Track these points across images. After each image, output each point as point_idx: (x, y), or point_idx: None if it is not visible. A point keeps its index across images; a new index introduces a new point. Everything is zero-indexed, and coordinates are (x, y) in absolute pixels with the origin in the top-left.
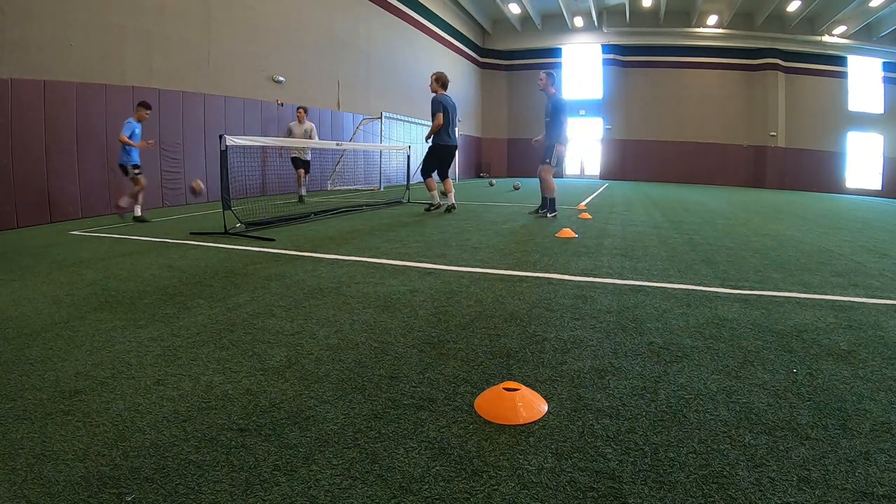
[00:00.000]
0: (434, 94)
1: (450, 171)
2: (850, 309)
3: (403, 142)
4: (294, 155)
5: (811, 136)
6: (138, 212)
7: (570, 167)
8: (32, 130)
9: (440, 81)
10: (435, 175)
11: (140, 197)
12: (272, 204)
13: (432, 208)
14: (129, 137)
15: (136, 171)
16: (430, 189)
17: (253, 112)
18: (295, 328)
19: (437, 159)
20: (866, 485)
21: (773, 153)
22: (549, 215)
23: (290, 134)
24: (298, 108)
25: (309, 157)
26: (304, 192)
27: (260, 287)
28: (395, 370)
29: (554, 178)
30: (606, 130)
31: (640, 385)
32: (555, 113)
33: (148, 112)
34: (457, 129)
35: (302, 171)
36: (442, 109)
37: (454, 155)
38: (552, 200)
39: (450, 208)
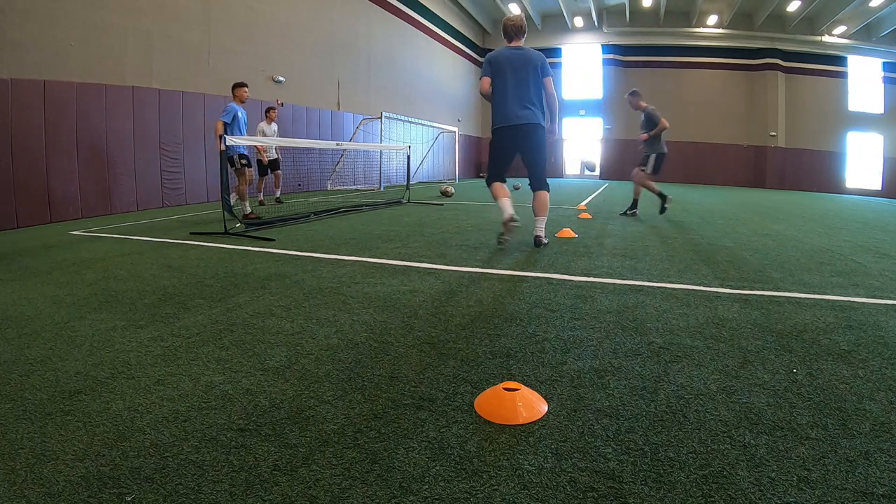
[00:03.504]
0: None
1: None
2: (850, 309)
3: (403, 142)
4: (274, 157)
5: (811, 136)
6: (247, 208)
7: (570, 168)
8: (32, 130)
9: (501, 28)
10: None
11: (244, 192)
12: (272, 204)
13: (503, 238)
14: (232, 122)
15: (243, 161)
16: (496, 199)
17: (253, 112)
18: (295, 328)
19: (493, 152)
20: (866, 485)
21: (773, 153)
22: (666, 205)
23: (262, 136)
24: (269, 108)
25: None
26: (279, 193)
27: (260, 287)
28: (395, 370)
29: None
30: (606, 130)
31: (640, 385)
32: (649, 126)
33: (246, 90)
34: (532, 99)
35: (279, 172)
36: (490, 70)
37: (529, 143)
38: (662, 195)
39: (536, 241)
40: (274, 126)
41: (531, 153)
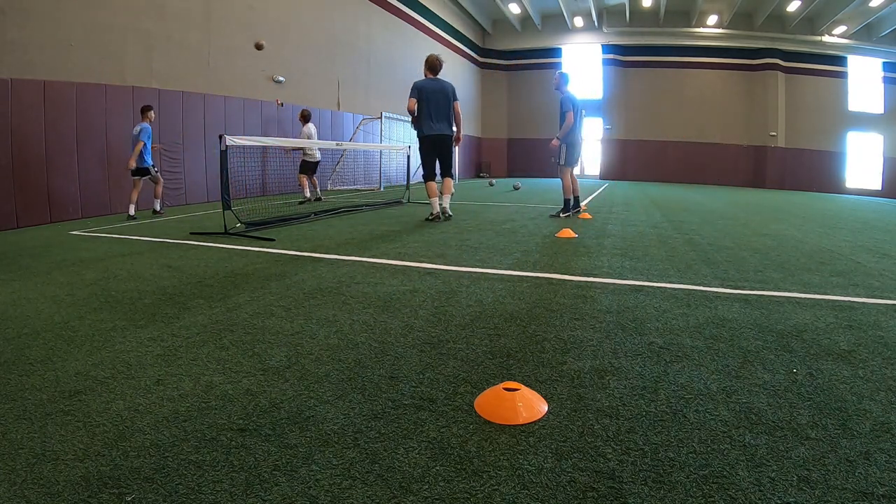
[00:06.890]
0: None
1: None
2: (850, 309)
3: (403, 142)
4: (316, 160)
5: (811, 136)
6: (158, 206)
7: None
8: (32, 130)
9: (426, 64)
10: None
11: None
12: (272, 204)
13: (431, 218)
14: (147, 140)
15: (155, 169)
16: (428, 195)
17: (253, 112)
18: (295, 328)
19: (422, 154)
20: (866, 485)
21: (773, 153)
22: (561, 215)
23: (308, 137)
24: (303, 111)
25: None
26: (317, 191)
27: (260, 287)
28: (395, 370)
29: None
30: (606, 130)
31: (640, 385)
32: (560, 112)
33: (152, 112)
34: (446, 117)
35: (314, 178)
36: (418, 95)
37: (445, 147)
38: (566, 201)
39: (443, 212)
40: (311, 126)
41: (444, 154)
